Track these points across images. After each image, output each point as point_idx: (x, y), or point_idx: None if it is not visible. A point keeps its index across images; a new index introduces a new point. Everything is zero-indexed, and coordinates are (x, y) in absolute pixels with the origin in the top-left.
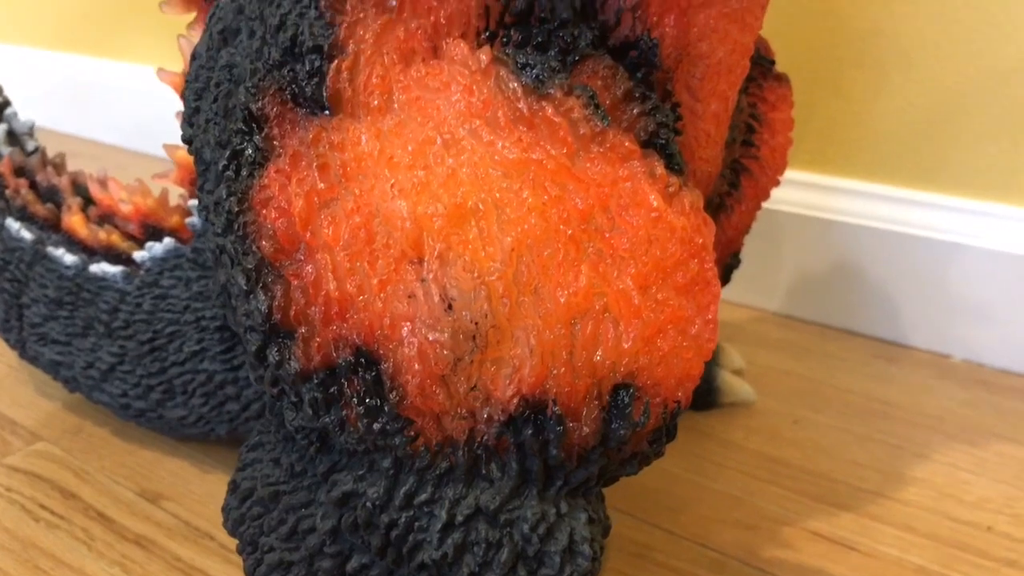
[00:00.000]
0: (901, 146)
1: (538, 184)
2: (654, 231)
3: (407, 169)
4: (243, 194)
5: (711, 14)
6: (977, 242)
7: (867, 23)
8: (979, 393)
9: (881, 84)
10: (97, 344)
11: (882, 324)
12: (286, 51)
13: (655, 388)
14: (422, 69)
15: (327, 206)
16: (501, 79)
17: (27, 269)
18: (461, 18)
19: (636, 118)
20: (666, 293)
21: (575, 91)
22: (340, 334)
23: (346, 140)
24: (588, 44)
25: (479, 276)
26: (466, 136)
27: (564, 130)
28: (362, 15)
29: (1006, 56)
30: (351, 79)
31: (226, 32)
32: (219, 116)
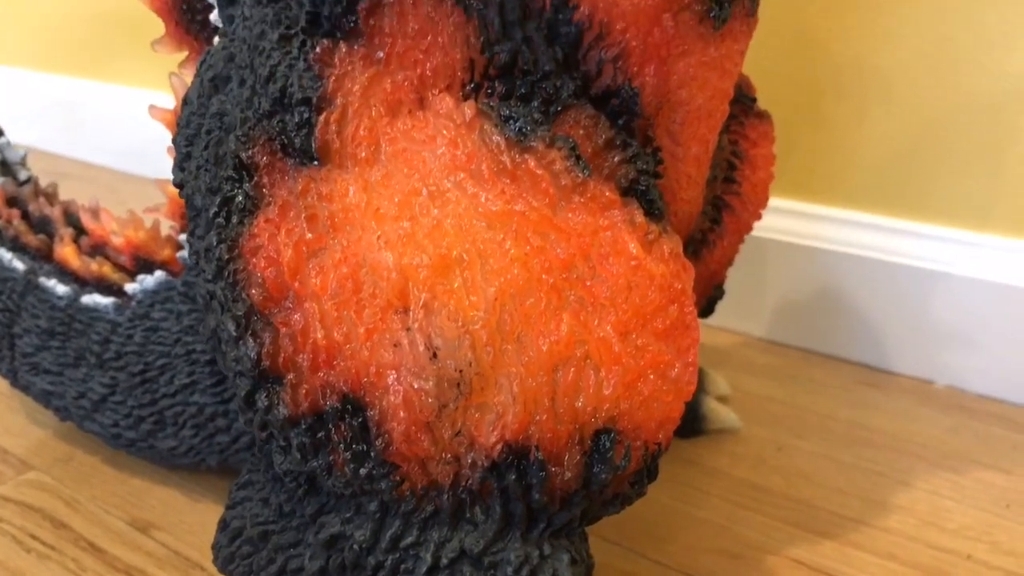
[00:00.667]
0: (882, 176)
1: (521, 235)
2: (634, 278)
3: (393, 220)
4: (233, 241)
5: (690, 63)
6: (957, 270)
7: (848, 56)
8: (961, 419)
9: (862, 115)
10: (88, 375)
11: (865, 350)
12: (276, 101)
13: (636, 432)
14: (408, 122)
15: (315, 256)
16: (485, 132)
17: (19, 299)
18: (447, 71)
19: (617, 165)
20: (646, 339)
21: (557, 143)
22: (327, 381)
23: (334, 191)
24: (570, 94)
25: (463, 325)
26: (451, 188)
27: (546, 182)
28: (350, 68)
29: (982, 89)
30: (339, 131)
31: (217, 80)
32: (210, 163)
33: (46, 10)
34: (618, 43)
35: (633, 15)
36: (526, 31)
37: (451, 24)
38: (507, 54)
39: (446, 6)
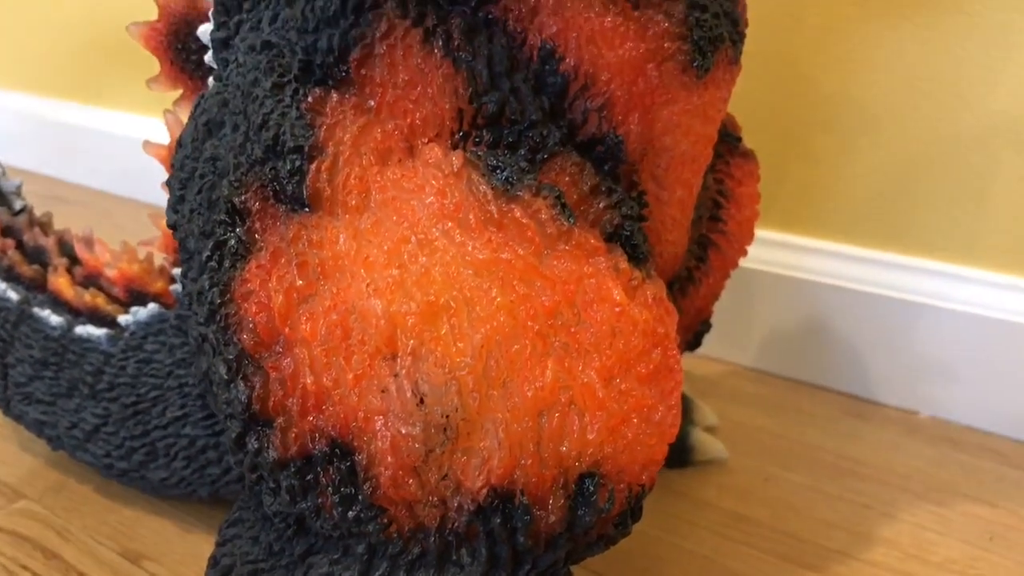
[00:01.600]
0: (869, 209)
1: (507, 283)
2: (618, 324)
3: (382, 268)
4: (225, 286)
5: (674, 111)
6: (942, 302)
7: (834, 90)
8: (946, 451)
9: (848, 149)
10: (81, 405)
11: (852, 380)
12: (268, 149)
13: (620, 475)
14: (398, 171)
15: (305, 302)
16: (472, 182)
17: (12, 329)
18: (436, 120)
19: (602, 211)
20: (629, 383)
21: (543, 192)
22: (316, 425)
23: (324, 239)
24: (556, 142)
25: (450, 371)
26: (439, 236)
27: (532, 230)
28: (341, 117)
29: (966, 124)
30: (330, 179)
31: (211, 124)
32: (203, 207)
33: (43, 36)
34: (603, 93)
35: (618, 66)
36: (513, 82)
37: (440, 76)
38: (495, 105)
39: (435, 58)
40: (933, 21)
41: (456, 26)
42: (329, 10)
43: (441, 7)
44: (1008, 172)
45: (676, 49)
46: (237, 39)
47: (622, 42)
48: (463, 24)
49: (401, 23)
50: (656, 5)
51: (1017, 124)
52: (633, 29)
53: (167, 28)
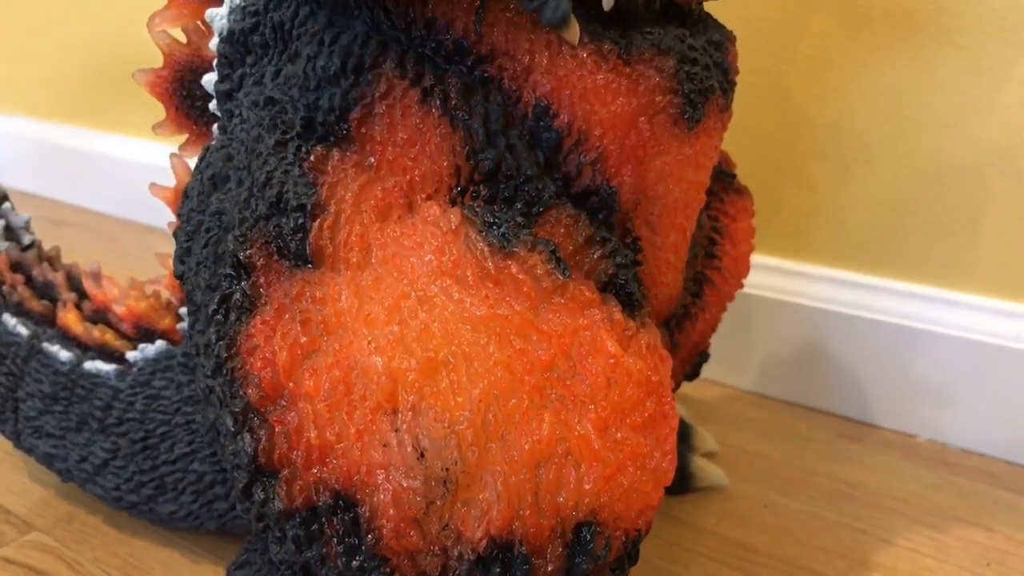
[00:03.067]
0: (864, 235)
1: (504, 338)
2: (613, 375)
3: (383, 325)
4: (231, 340)
5: (666, 161)
6: (936, 328)
7: (828, 120)
8: (943, 475)
9: (843, 177)
10: (91, 439)
11: (849, 403)
12: (272, 205)
13: (616, 522)
14: (397, 228)
15: (309, 357)
16: (470, 239)
17: (23, 364)
18: (434, 177)
19: (597, 261)
20: (625, 432)
21: (538, 247)
22: (320, 478)
23: (327, 295)
24: (551, 195)
25: (449, 425)
26: (438, 293)
27: (528, 286)
28: (342, 175)
29: (958, 153)
30: (332, 236)
31: (216, 178)
32: (209, 261)
33: (49, 61)
34: (596, 147)
35: (610, 121)
36: (509, 139)
37: (438, 134)
38: (491, 162)
39: (433, 117)
40: (924, 53)
41: (453, 85)
42: (330, 70)
43: (438, 66)
44: (999, 200)
45: (667, 102)
46: (240, 93)
47: (614, 98)
48: (460, 83)
49: (400, 83)
50: (647, 60)
51: (1008, 154)
52: (625, 85)
53: (172, 75)
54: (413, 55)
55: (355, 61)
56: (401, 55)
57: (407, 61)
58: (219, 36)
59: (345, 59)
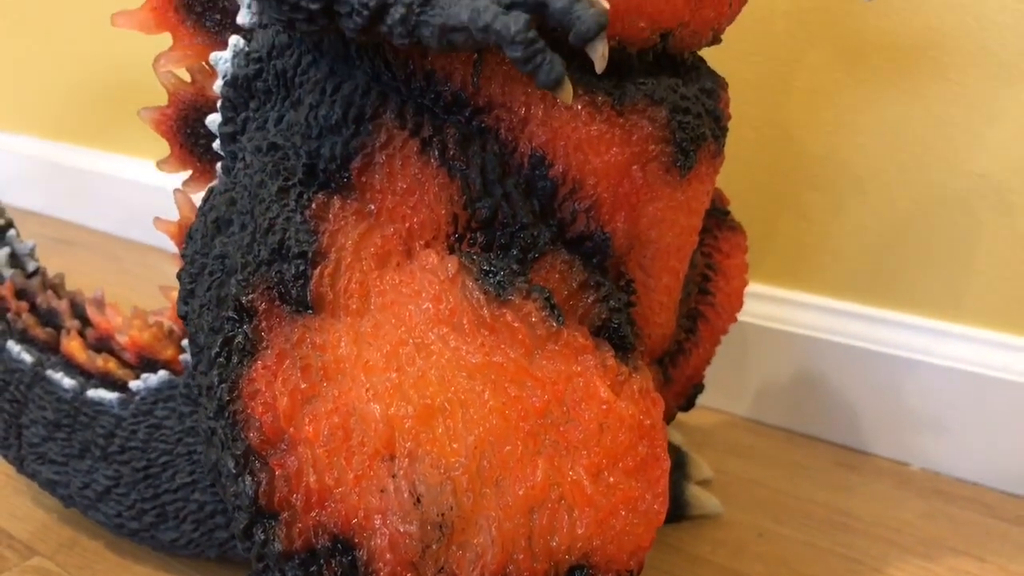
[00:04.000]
0: (858, 265)
1: (499, 385)
2: (605, 420)
3: (381, 372)
4: (233, 383)
5: (659, 207)
6: (929, 358)
7: (823, 151)
8: (936, 504)
9: (837, 207)
10: (93, 467)
11: (844, 431)
12: (274, 252)
13: (608, 564)
14: (396, 276)
15: (309, 403)
16: (466, 288)
17: (27, 390)
18: (432, 225)
19: (591, 305)
20: (617, 477)
21: (533, 294)
22: (319, 521)
23: (327, 342)
24: (547, 242)
25: (445, 471)
26: (435, 341)
27: (522, 333)
28: (343, 223)
29: (950, 186)
30: (332, 283)
31: (219, 221)
32: (212, 304)
33: (53, 80)
34: (590, 196)
35: (604, 170)
36: (505, 187)
37: (436, 184)
38: (488, 210)
39: (432, 167)
40: (918, 87)
41: (451, 136)
42: (332, 119)
43: (437, 116)
44: (992, 233)
45: (660, 151)
46: (244, 137)
47: (607, 148)
48: (458, 134)
49: (399, 133)
50: (640, 111)
51: (1000, 187)
52: (618, 135)
53: (176, 113)
54: (413, 105)
55: (356, 111)
56: (401, 105)
57: (407, 111)
58: (223, 79)
59: (346, 109)
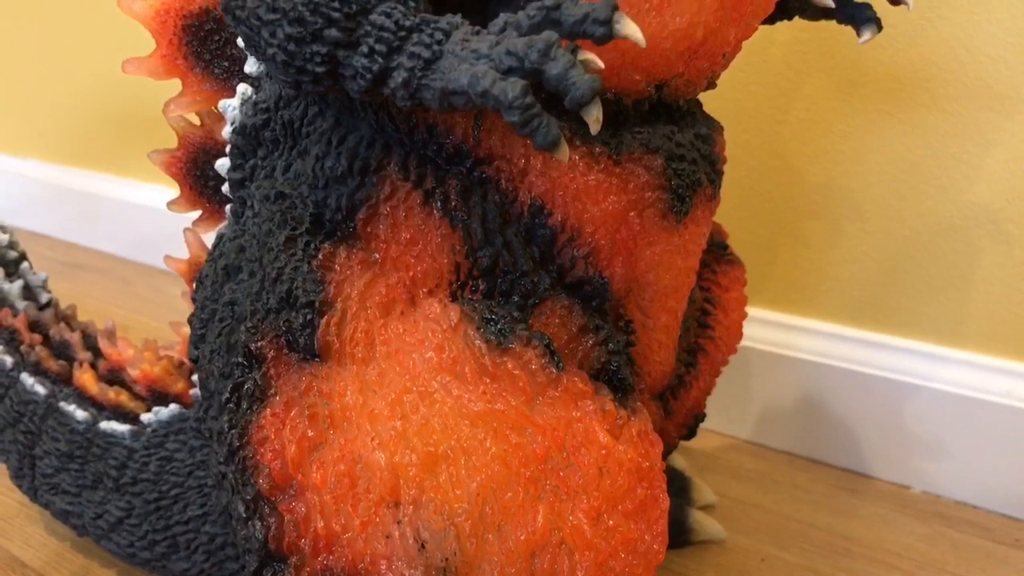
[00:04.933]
0: (857, 291)
1: (500, 433)
2: (605, 464)
3: (386, 420)
4: (243, 428)
5: (656, 251)
6: (927, 383)
7: (821, 179)
8: (937, 527)
9: (836, 234)
10: (106, 498)
11: (845, 455)
12: (282, 300)
13: None
14: (400, 325)
15: (316, 450)
16: (468, 336)
17: (40, 422)
18: (435, 273)
19: (590, 349)
20: (616, 520)
21: (533, 341)
22: (327, 565)
23: (334, 391)
24: (546, 287)
25: (449, 518)
26: (438, 389)
27: (523, 381)
28: (349, 272)
29: (947, 214)
30: (339, 332)
31: (229, 268)
32: (223, 350)
33: (64, 106)
34: (589, 243)
35: (602, 218)
36: (506, 236)
37: (439, 235)
38: (489, 259)
39: (434, 218)
40: (913, 117)
41: (453, 187)
42: (337, 171)
43: (439, 167)
44: (988, 260)
45: (656, 198)
46: (253, 186)
47: (605, 196)
48: (459, 185)
49: (403, 185)
50: (636, 159)
51: (996, 216)
52: (615, 184)
53: (186, 156)
54: (415, 157)
55: (361, 163)
56: (404, 157)
57: (410, 163)
58: (231, 126)
59: (352, 161)
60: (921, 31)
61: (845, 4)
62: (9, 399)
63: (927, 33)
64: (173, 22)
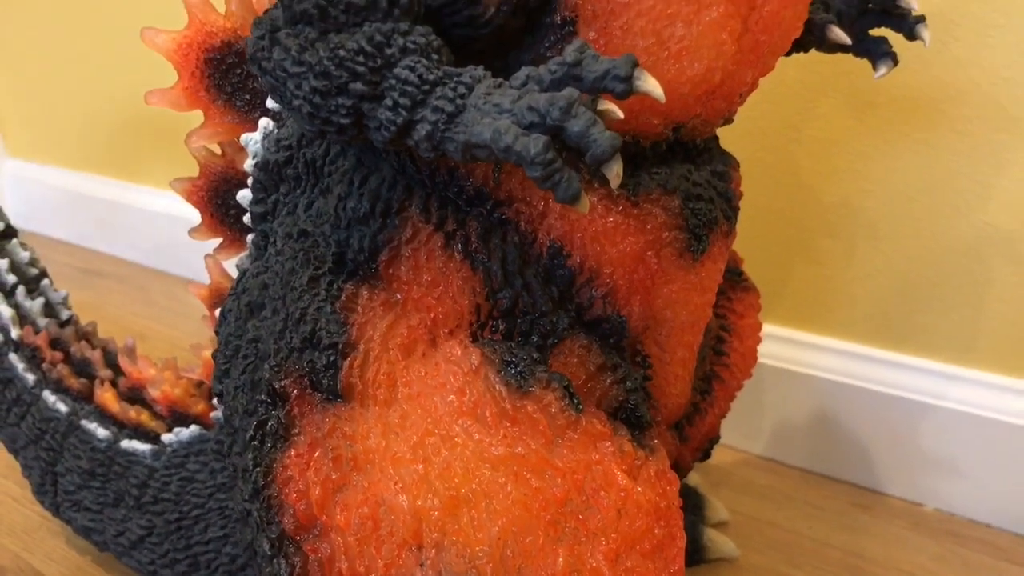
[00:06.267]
0: (871, 309)
1: (520, 476)
2: (623, 506)
3: (408, 463)
4: (268, 467)
5: (673, 288)
6: (939, 401)
7: (836, 198)
8: (949, 546)
9: (850, 253)
10: (127, 516)
11: (858, 472)
12: (305, 340)
13: None
14: (422, 368)
15: (340, 491)
16: (488, 380)
17: (62, 440)
18: (456, 314)
19: (609, 387)
20: (635, 560)
21: (552, 384)
22: None
23: (357, 433)
24: (565, 327)
25: (470, 561)
26: (459, 432)
27: (543, 424)
28: (371, 314)
29: (961, 234)
30: (361, 374)
31: (252, 305)
32: (247, 387)
33: (83, 113)
34: (607, 283)
35: (619, 259)
36: (525, 277)
37: (459, 277)
38: (509, 300)
39: (455, 260)
40: (928, 137)
41: (473, 229)
42: (360, 212)
43: (460, 209)
44: (1001, 280)
45: (673, 238)
46: (276, 222)
47: (623, 238)
48: (479, 227)
49: (424, 227)
50: (654, 200)
51: (1010, 236)
52: (633, 225)
53: (207, 185)
54: (437, 198)
55: (383, 205)
56: (426, 198)
57: (431, 205)
58: (253, 160)
59: (374, 202)
60: (936, 53)
61: (862, 39)
62: (31, 416)
63: (942, 55)
64: (195, 55)
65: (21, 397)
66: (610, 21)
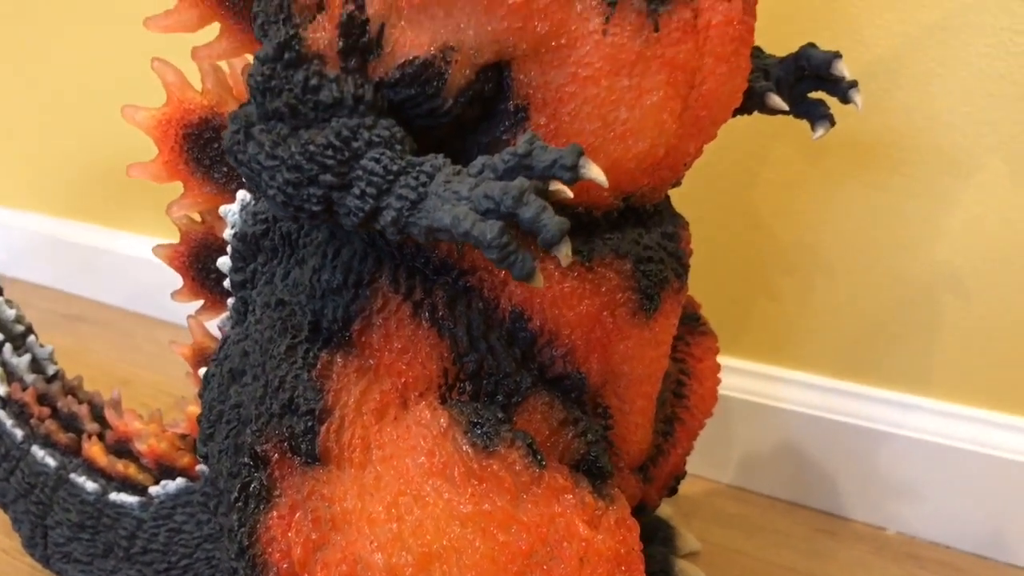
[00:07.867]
0: (829, 343)
1: (488, 532)
2: (586, 555)
3: (383, 523)
4: (252, 528)
5: (629, 345)
6: (900, 430)
7: (792, 237)
8: (911, 568)
9: (808, 290)
10: (117, 567)
11: (823, 498)
12: (284, 406)
13: None
14: (394, 431)
15: (320, 550)
16: (456, 441)
17: (51, 493)
18: (425, 378)
19: (571, 441)
20: None
21: (516, 442)
22: None
23: (334, 494)
24: (528, 386)
25: None
26: (430, 492)
27: (508, 481)
28: (345, 380)
29: (914, 271)
30: (337, 439)
31: (234, 372)
32: (230, 451)
33: (64, 160)
34: (566, 344)
35: (577, 321)
36: (489, 341)
37: (427, 344)
38: (474, 363)
39: (423, 328)
40: (877, 180)
41: (440, 298)
42: (333, 283)
43: (427, 277)
44: (953, 313)
45: (627, 299)
46: (255, 291)
47: (579, 301)
48: (445, 295)
49: (394, 298)
50: (607, 264)
51: (956, 272)
52: (589, 289)
53: (188, 251)
54: (405, 268)
55: (355, 276)
56: (395, 269)
57: (400, 275)
58: (232, 230)
59: (347, 274)
60: (882, 100)
61: (800, 102)
62: (21, 471)
63: (887, 102)
64: (174, 131)
65: (10, 452)
66: (559, 108)
